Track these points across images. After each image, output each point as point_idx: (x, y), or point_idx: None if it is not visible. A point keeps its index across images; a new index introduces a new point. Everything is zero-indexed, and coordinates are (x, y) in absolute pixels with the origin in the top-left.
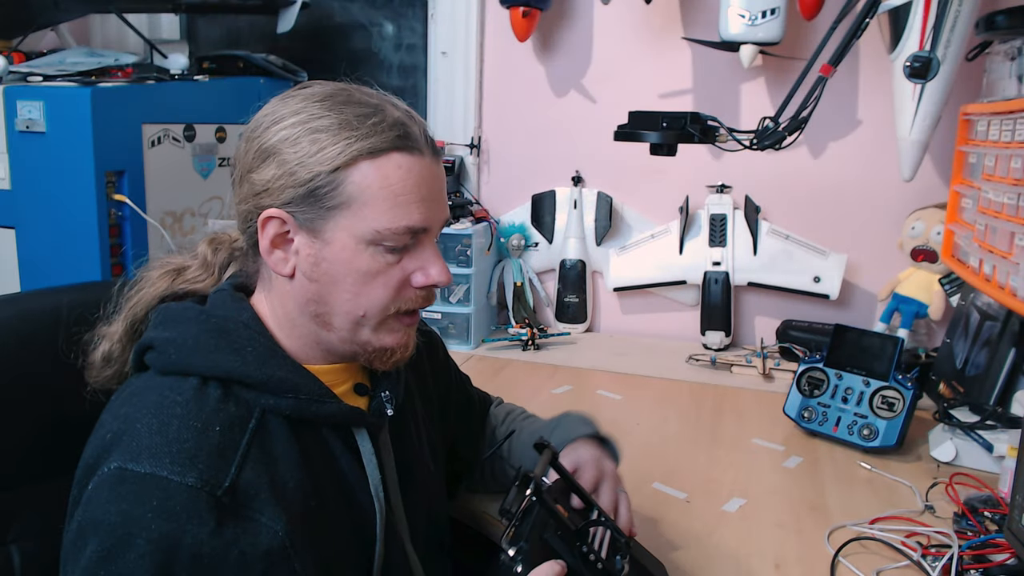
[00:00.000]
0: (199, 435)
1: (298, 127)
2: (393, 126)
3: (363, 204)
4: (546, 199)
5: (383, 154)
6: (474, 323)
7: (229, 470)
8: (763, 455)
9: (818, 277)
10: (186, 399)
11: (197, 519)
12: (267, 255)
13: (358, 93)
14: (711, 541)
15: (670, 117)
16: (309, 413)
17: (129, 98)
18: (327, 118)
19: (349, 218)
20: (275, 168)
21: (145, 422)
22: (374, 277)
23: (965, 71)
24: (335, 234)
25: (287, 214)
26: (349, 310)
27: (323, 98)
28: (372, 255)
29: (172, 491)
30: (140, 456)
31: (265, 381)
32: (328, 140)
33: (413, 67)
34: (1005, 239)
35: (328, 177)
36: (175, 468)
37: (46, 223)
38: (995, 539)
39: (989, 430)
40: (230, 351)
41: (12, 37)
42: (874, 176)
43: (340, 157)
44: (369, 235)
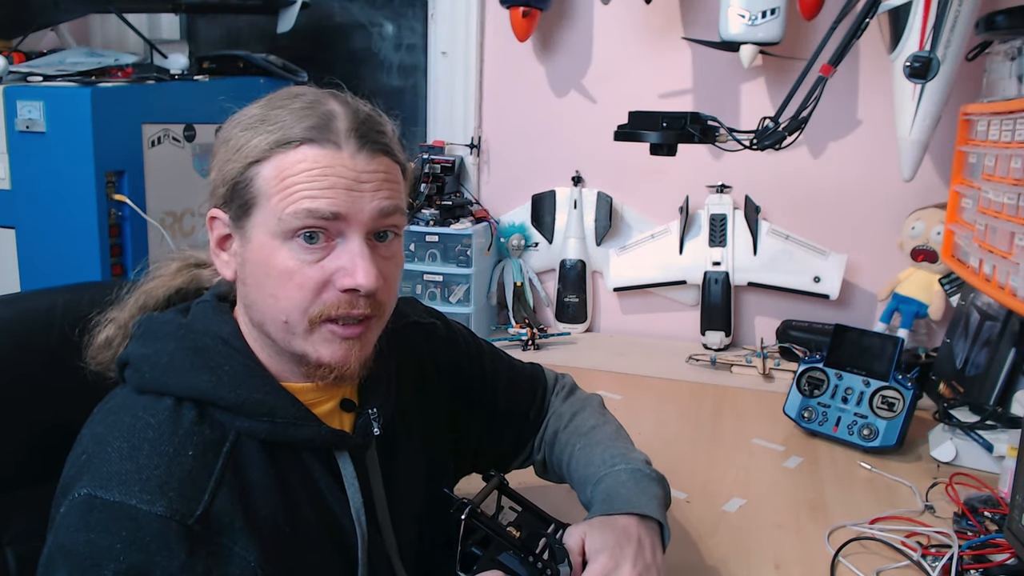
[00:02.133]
0: (170, 461)
1: (232, 126)
2: (316, 119)
3: (269, 196)
4: (546, 199)
5: (291, 147)
6: (474, 323)
7: (201, 498)
8: (763, 455)
9: (818, 277)
10: (159, 421)
11: (167, 551)
12: (214, 257)
13: (311, 93)
14: (711, 541)
15: (670, 117)
16: (285, 437)
17: (129, 98)
18: (256, 115)
19: (262, 214)
20: (215, 168)
21: (116, 446)
22: (291, 277)
23: (965, 71)
24: (254, 232)
25: (223, 213)
26: (273, 315)
27: (269, 98)
28: (289, 251)
29: (141, 521)
30: (110, 483)
31: (240, 404)
32: (248, 136)
33: (413, 67)
34: (1005, 239)
35: (244, 173)
36: (144, 496)
37: (46, 223)
38: (995, 539)
39: (989, 430)
40: (205, 371)
41: (12, 37)
42: (874, 176)
43: (254, 152)
44: (279, 228)
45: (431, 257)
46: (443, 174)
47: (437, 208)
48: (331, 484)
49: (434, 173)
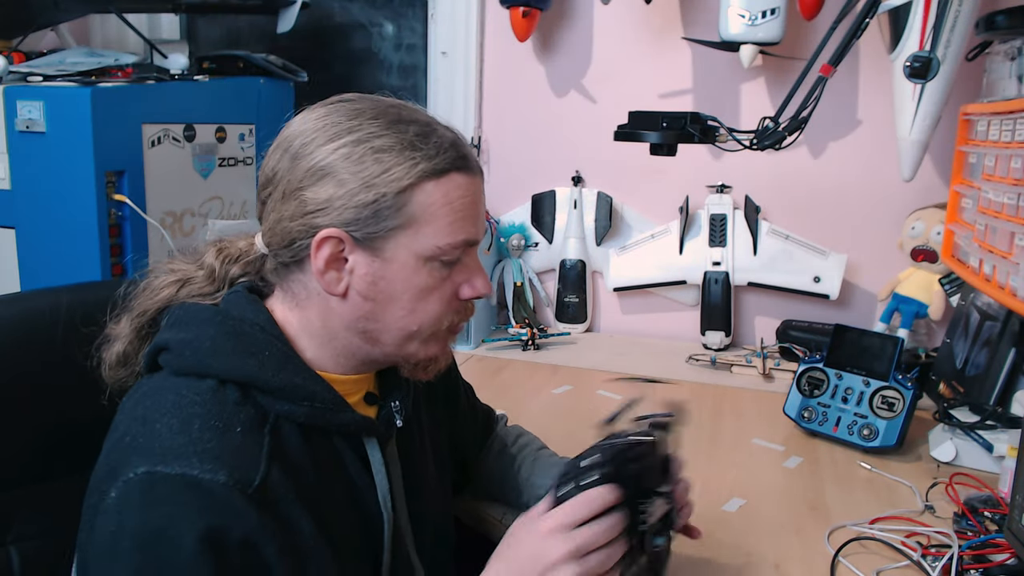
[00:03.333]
0: (221, 435)
1: (359, 146)
2: (451, 146)
3: (425, 223)
4: (546, 199)
5: (445, 175)
6: (474, 323)
7: (257, 469)
8: (763, 455)
9: (818, 277)
10: (204, 399)
11: (239, 514)
12: (320, 275)
13: (406, 111)
14: (711, 541)
15: (670, 117)
16: (323, 421)
17: (129, 98)
18: (387, 137)
19: (410, 236)
20: (334, 187)
21: (165, 422)
22: (430, 293)
23: (965, 71)
24: (395, 252)
25: (345, 233)
26: (403, 326)
27: (376, 115)
28: (430, 271)
29: (208, 488)
30: (167, 457)
31: (282, 387)
32: (393, 160)
33: (413, 67)
34: (1005, 239)
35: (395, 198)
36: (205, 467)
37: (46, 223)
38: (995, 539)
39: (989, 430)
40: (247, 354)
41: (12, 37)
42: (874, 176)
43: (407, 178)
44: (429, 252)
45: None
46: None
47: None
48: (360, 469)
49: None
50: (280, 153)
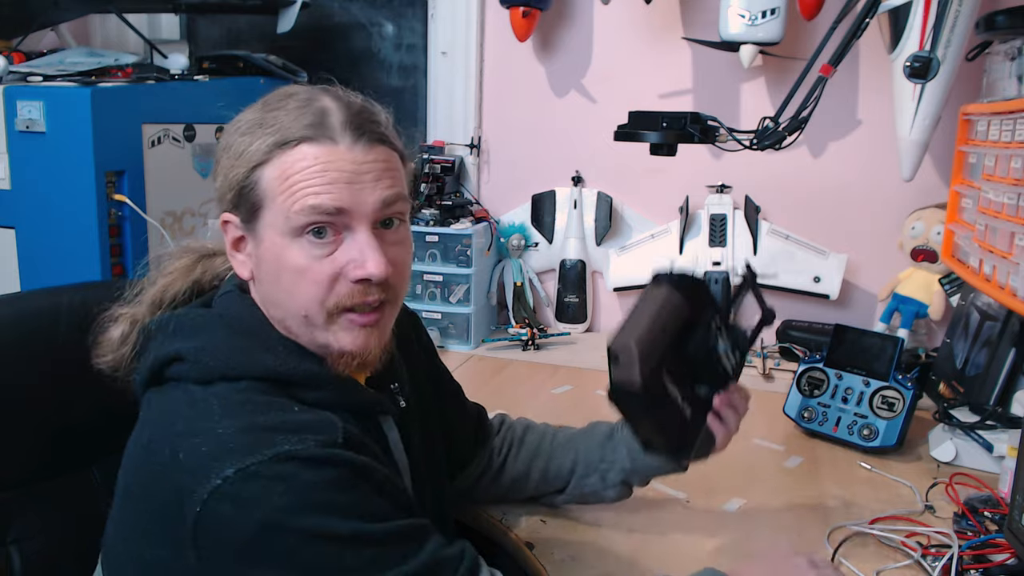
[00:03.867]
0: (283, 415)
1: (232, 132)
2: (311, 116)
3: (275, 196)
4: (546, 199)
5: (291, 146)
6: (474, 323)
7: (336, 428)
8: (763, 455)
9: (818, 277)
10: (249, 397)
11: (341, 458)
12: (231, 258)
13: (304, 92)
14: (711, 541)
15: (670, 117)
16: (348, 403)
17: (129, 98)
18: (253, 119)
19: (270, 214)
20: (220, 174)
21: (225, 425)
22: (303, 273)
23: (965, 71)
24: (264, 232)
25: (234, 216)
26: (292, 310)
27: (264, 101)
28: (299, 248)
29: (304, 456)
30: (251, 450)
31: (303, 377)
32: (247, 141)
33: (413, 67)
34: (1005, 239)
35: (249, 177)
36: (292, 439)
37: (46, 223)
38: (995, 539)
39: (989, 430)
40: (264, 350)
41: (12, 37)
42: (874, 176)
43: (255, 156)
44: (287, 227)
45: (431, 257)
46: (443, 174)
47: (437, 208)
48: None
49: (434, 173)
50: None
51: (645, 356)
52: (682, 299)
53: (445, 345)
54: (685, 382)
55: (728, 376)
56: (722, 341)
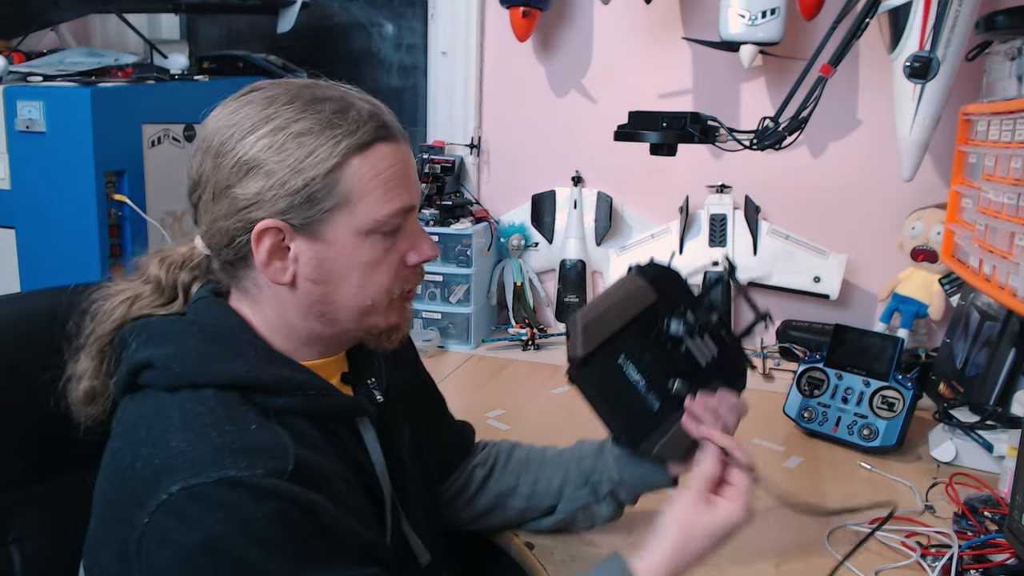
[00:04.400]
0: (240, 435)
1: (279, 134)
2: (370, 118)
3: (359, 198)
4: (546, 199)
5: (369, 147)
6: (474, 323)
7: (287, 455)
8: (763, 455)
9: (818, 277)
10: (209, 408)
11: (283, 496)
12: (264, 267)
13: (320, 89)
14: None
15: (670, 117)
16: (319, 408)
17: (129, 98)
18: (305, 119)
19: (347, 214)
20: (263, 179)
21: (180, 437)
22: (377, 265)
23: (965, 71)
24: (336, 232)
25: (283, 223)
26: (358, 303)
27: (291, 99)
28: (372, 244)
29: (250, 484)
30: (198, 468)
31: (275, 382)
32: (315, 142)
33: (413, 67)
34: (1005, 239)
35: (324, 180)
36: (240, 465)
37: (46, 223)
38: (995, 539)
39: (989, 430)
40: (233, 357)
41: (12, 37)
42: (874, 176)
43: (333, 158)
44: (369, 225)
45: None
46: (443, 174)
47: (437, 208)
48: (357, 449)
49: (434, 173)
50: (202, 154)
51: (590, 331)
52: (646, 285)
53: (445, 345)
54: (653, 372)
55: (706, 376)
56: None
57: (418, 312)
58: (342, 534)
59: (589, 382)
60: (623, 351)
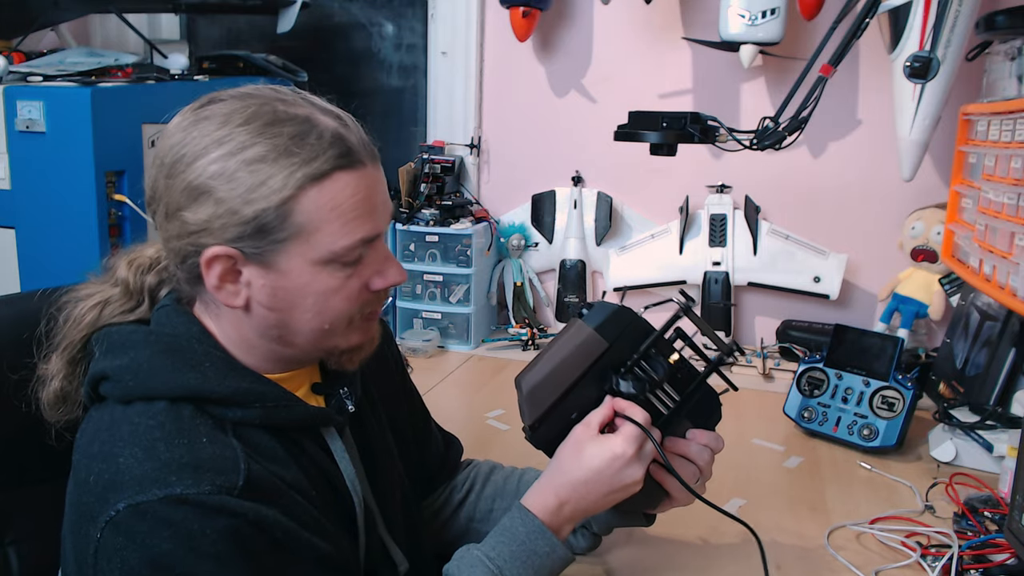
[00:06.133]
0: (190, 449)
1: (231, 160)
2: (332, 143)
3: (315, 230)
4: (546, 199)
5: (327, 176)
6: (474, 323)
7: (238, 470)
8: (763, 455)
9: (818, 277)
10: (160, 421)
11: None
12: (216, 291)
13: (282, 106)
14: (711, 541)
15: (670, 117)
16: (279, 419)
17: (129, 98)
18: (260, 145)
19: (302, 245)
20: (212, 207)
21: (128, 453)
22: (335, 293)
23: (965, 71)
24: (289, 263)
25: (234, 250)
26: (314, 327)
27: (247, 119)
28: (330, 274)
29: (196, 502)
30: (144, 486)
31: (231, 394)
32: (268, 171)
33: (413, 67)
34: (1005, 239)
35: (277, 211)
36: (185, 482)
37: (46, 223)
38: (995, 539)
39: (989, 430)
40: (188, 368)
41: (12, 37)
42: (874, 176)
43: (287, 189)
44: (326, 257)
45: (431, 257)
46: (443, 174)
47: (437, 208)
48: (324, 459)
49: (434, 173)
50: (156, 169)
51: (536, 398)
52: (593, 333)
53: (445, 345)
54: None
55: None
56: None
57: (418, 312)
58: (297, 548)
59: (545, 443)
60: (576, 409)
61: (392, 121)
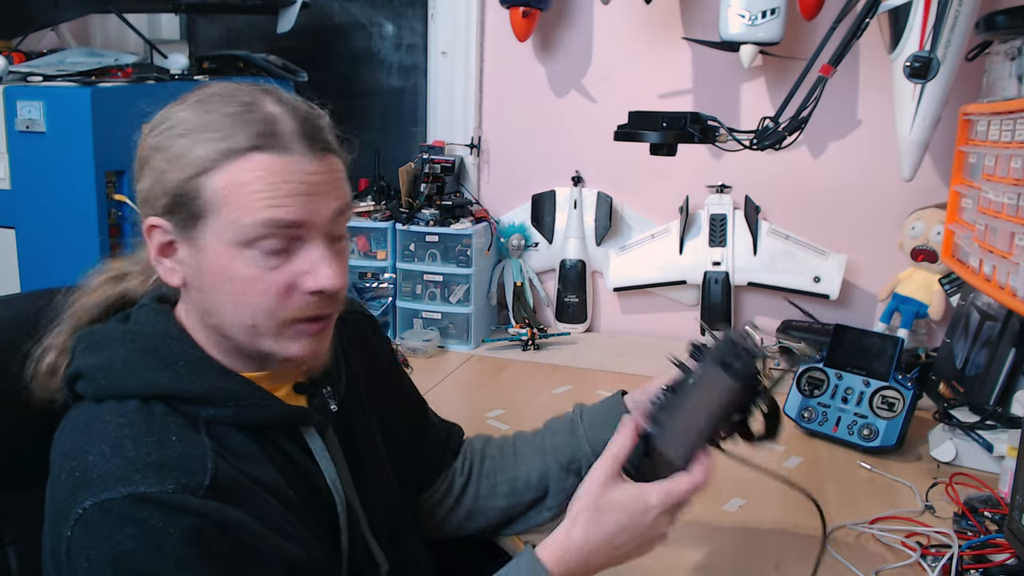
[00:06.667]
0: (158, 447)
1: (167, 132)
2: (259, 123)
3: (223, 207)
4: (546, 199)
5: (241, 155)
6: (474, 323)
7: (205, 469)
8: (763, 455)
9: (818, 277)
10: (130, 420)
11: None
12: (156, 265)
13: (240, 91)
14: (711, 541)
15: (670, 117)
16: (254, 418)
17: (129, 98)
18: (191, 121)
19: (216, 223)
20: (148, 176)
21: (96, 451)
22: (252, 284)
23: (965, 71)
24: (207, 241)
25: (166, 222)
26: (236, 320)
27: (200, 99)
28: (247, 260)
29: (159, 500)
30: (108, 483)
31: (204, 393)
32: (188, 145)
33: (413, 67)
34: (1005, 239)
35: (189, 183)
36: (149, 480)
37: (46, 223)
38: (995, 539)
39: (989, 430)
40: (161, 368)
41: (12, 37)
42: (874, 176)
43: (198, 162)
44: (237, 237)
45: (431, 257)
46: (443, 174)
47: (437, 208)
48: (304, 458)
49: (434, 173)
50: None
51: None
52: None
53: (445, 345)
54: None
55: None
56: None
57: (418, 312)
58: (264, 551)
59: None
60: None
61: (392, 121)
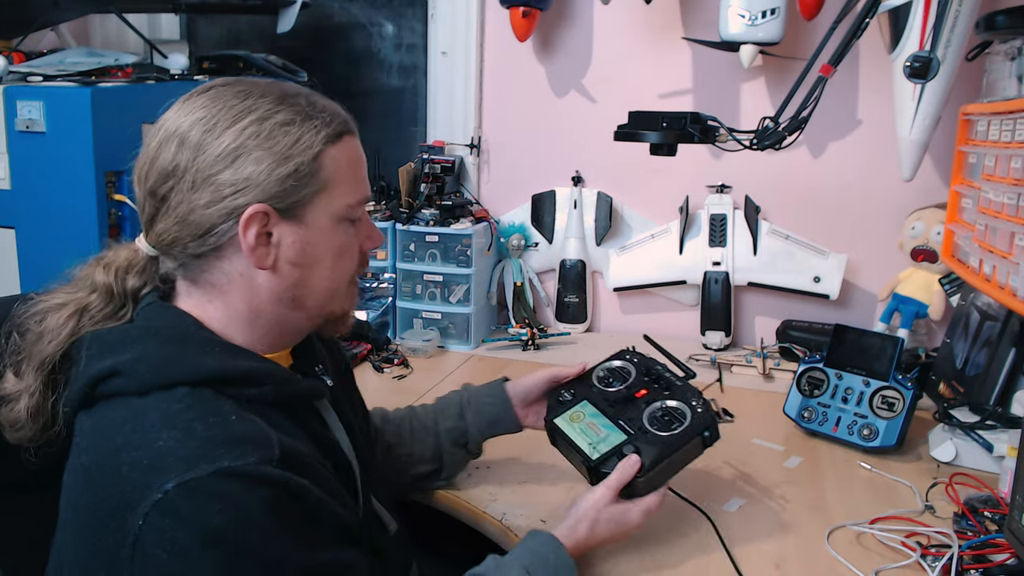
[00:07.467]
0: (223, 426)
1: (265, 123)
2: (336, 112)
3: (336, 184)
4: (546, 199)
5: (341, 138)
6: (474, 323)
7: (272, 442)
8: (763, 455)
9: (818, 277)
10: (187, 404)
11: (275, 482)
12: (251, 252)
13: (287, 86)
14: (711, 541)
15: (670, 117)
16: (288, 394)
17: (129, 98)
18: (285, 111)
19: (326, 199)
20: (252, 165)
21: (165, 436)
22: (345, 251)
23: (965, 71)
24: (315, 217)
25: (269, 207)
26: (328, 286)
27: (263, 93)
28: (343, 230)
29: (243, 473)
30: (191, 463)
31: (245, 374)
32: (299, 131)
33: (413, 67)
34: (1005, 239)
35: (310, 165)
36: (232, 455)
37: (46, 223)
38: (995, 539)
39: (989, 430)
40: (201, 354)
41: (12, 37)
42: (874, 176)
43: (316, 145)
44: (342, 211)
45: (431, 257)
46: (443, 174)
47: (437, 208)
48: (323, 430)
49: (434, 173)
50: (175, 146)
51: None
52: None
53: (445, 345)
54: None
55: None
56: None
57: (418, 312)
58: (326, 517)
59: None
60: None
61: (392, 121)
